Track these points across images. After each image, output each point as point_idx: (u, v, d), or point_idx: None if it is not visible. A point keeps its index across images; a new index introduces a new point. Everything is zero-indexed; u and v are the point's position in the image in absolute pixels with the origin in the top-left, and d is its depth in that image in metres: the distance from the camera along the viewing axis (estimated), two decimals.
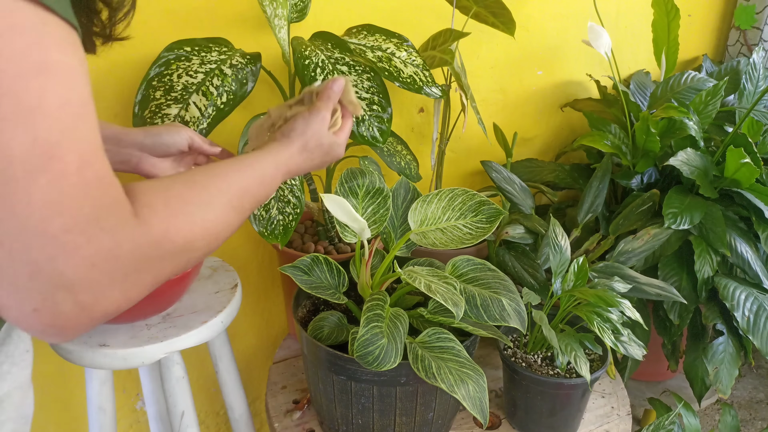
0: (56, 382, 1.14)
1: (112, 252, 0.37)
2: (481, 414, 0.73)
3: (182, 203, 0.44)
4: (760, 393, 1.79)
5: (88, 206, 0.36)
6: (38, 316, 0.35)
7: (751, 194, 1.11)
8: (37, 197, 0.34)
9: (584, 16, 1.35)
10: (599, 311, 0.86)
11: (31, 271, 0.34)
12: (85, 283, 0.36)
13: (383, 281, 0.85)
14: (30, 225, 0.34)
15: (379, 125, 0.86)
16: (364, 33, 0.97)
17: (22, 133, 0.33)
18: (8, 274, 0.34)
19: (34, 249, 0.34)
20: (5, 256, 0.34)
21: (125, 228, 0.38)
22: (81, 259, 0.35)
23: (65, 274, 0.35)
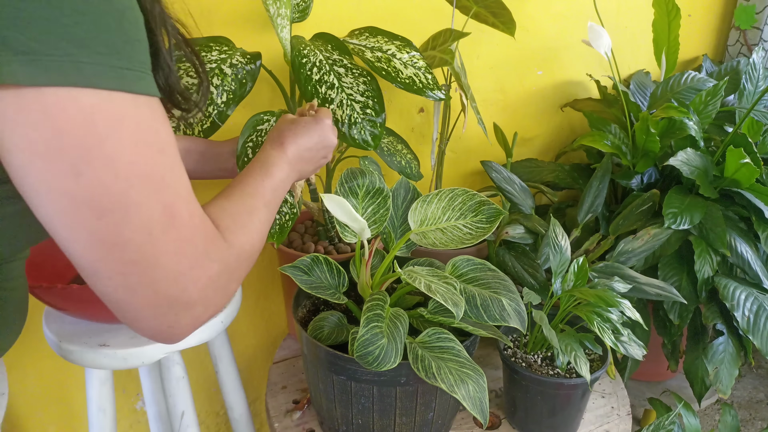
0: (56, 382, 1.14)
1: (217, 274, 0.49)
2: (481, 414, 0.73)
3: (240, 219, 0.56)
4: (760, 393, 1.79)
5: (200, 244, 0.47)
6: (170, 330, 0.48)
7: (751, 194, 1.11)
8: (170, 248, 0.45)
9: (584, 16, 1.35)
10: (599, 311, 0.86)
11: (170, 301, 0.46)
12: (202, 301, 0.48)
13: (383, 281, 0.85)
14: (169, 268, 0.45)
15: (372, 129, 0.86)
16: (366, 34, 0.97)
17: (155, 203, 0.44)
18: (152, 305, 0.46)
19: (172, 285, 0.46)
20: (151, 293, 0.45)
21: (222, 253, 0.50)
22: (201, 286, 0.48)
23: (192, 298, 0.47)
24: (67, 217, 0.41)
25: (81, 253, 0.43)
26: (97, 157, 0.40)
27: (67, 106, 0.39)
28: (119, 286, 0.44)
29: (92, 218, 0.41)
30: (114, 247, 0.43)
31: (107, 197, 0.41)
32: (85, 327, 0.86)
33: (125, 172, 0.42)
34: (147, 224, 0.43)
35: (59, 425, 1.19)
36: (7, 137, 0.39)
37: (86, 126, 0.40)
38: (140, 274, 0.44)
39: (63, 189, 0.40)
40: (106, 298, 0.46)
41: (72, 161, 0.40)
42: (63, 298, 0.79)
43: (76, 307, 0.82)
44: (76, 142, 0.40)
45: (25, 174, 0.40)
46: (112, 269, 0.44)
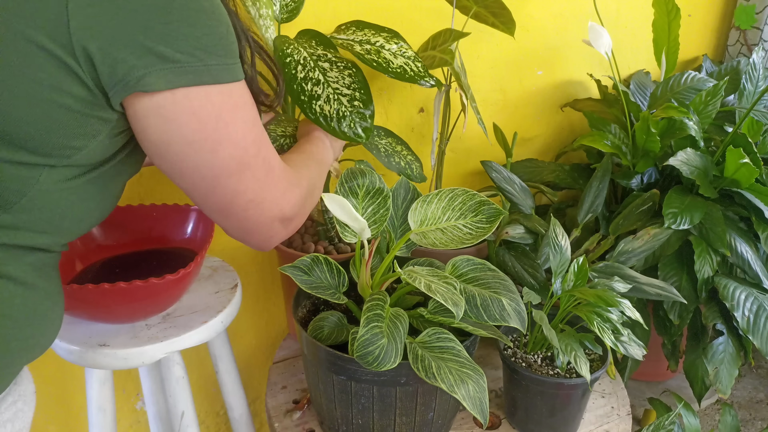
0: (56, 382, 1.14)
1: (300, 196, 0.68)
2: (481, 414, 0.73)
3: (304, 165, 0.74)
4: (760, 393, 1.79)
5: (285, 179, 0.65)
6: (271, 239, 0.67)
7: (751, 194, 1.11)
8: (271, 184, 0.63)
9: (584, 16, 1.35)
10: (599, 311, 0.86)
11: (273, 217, 0.64)
12: (295, 216, 0.67)
13: (383, 281, 0.85)
14: (272, 197, 0.63)
15: (362, 122, 0.85)
16: (353, 29, 0.96)
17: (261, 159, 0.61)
18: (259, 222, 0.64)
19: (275, 207, 0.64)
20: (262, 216, 0.64)
21: (300, 182, 0.68)
22: (293, 203, 0.66)
23: (287, 214, 0.66)
24: (209, 181, 0.59)
25: (217, 202, 0.61)
26: (226, 137, 0.56)
27: (206, 105, 0.54)
28: (241, 219, 0.63)
29: (224, 179, 0.59)
30: (237, 195, 0.60)
31: (232, 162, 0.58)
32: (85, 327, 0.86)
33: (243, 142, 0.58)
34: (257, 174, 0.61)
35: (59, 425, 1.19)
36: (165, 132, 0.54)
37: (218, 117, 0.55)
38: (255, 208, 0.62)
39: (206, 163, 0.57)
40: (230, 228, 0.65)
41: (211, 144, 0.56)
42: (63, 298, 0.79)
43: (76, 307, 0.82)
44: (212, 129, 0.55)
45: (180, 159, 0.56)
46: (237, 208, 0.62)
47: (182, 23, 0.50)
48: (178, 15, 0.50)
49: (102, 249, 0.96)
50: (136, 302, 0.82)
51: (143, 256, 0.97)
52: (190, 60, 0.51)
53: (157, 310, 0.88)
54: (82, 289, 0.76)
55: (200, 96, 0.53)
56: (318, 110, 0.83)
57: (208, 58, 0.52)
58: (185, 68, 0.51)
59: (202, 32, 0.51)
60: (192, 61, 0.51)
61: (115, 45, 0.49)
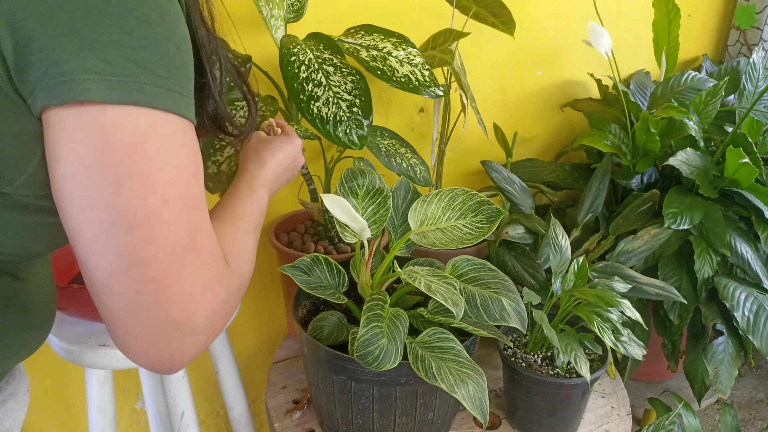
0: (56, 382, 1.14)
1: (224, 300, 0.49)
2: (481, 414, 0.73)
3: (237, 244, 0.57)
4: (760, 393, 1.79)
5: (213, 270, 0.48)
6: (172, 358, 0.47)
7: (751, 194, 1.11)
8: (188, 270, 0.45)
9: (584, 16, 1.35)
10: (599, 311, 0.86)
11: (176, 326, 0.46)
12: (207, 329, 0.48)
13: (383, 281, 0.85)
14: (183, 291, 0.45)
15: (358, 129, 0.84)
16: (362, 33, 0.96)
17: (184, 224, 0.45)
18: (160, 328, 0.45)
19: (181, 309, 0.45)
20: (161, 315, 0.45)
21: (228, 280, 0.51)
22: (210, 311, 0.48)
23: (198, 324, 0.47)
24: (98, 227, 0.42)
25: (101, 265, 0.43)
26: (139, 174, 0.42)
27: (125, 125, 0.42)
28: (131, 304, 0.44)
29: (122, 231, 0.42)
30: (137, 263, 0.43)
31: (141, 212, 0.43)
32: (85, 327, 0.86)
33: (162, 190, 0.43)
34: (172, 244, 0.44)
35: (59, 425, 1.19)
36: (59, 148, 0.42)
37: (137, 144, 0.42)
38: (155, 294, 0.44)
39: (100, 200, 0.42)
40: (111, 318, 0.46)
41: (116, 175, 0.42)
42: (63, 298, 0.79)
43: (76, 307, 0.82)
44: (124, 158, 0.42)
45: (66, 183, 0.42)
46: (129, 286, 0.44)
47: (115, 29, 0.41)
48: (113, 19, 0.41)
49: None
50: None
51: None
52: (117, 72, 0.41)
53: None
54: (82, 289, 0.76)
55: (120, 114, 0.41)
56: (315, 111, 0.82)
57: (142, 75, 0.42)
58: (110, 81, 0.41)
59: (139, 44, 0.42)
60: (120, 74, 0.41)
61: (29, 46, 0.40)
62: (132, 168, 0.42)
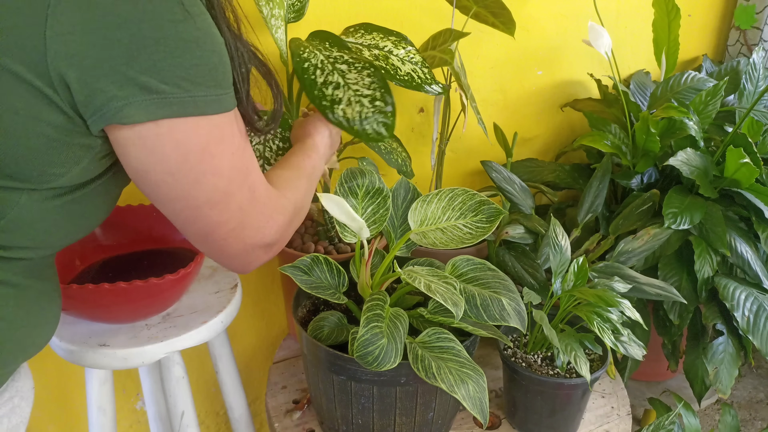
0: (56, 382, 1.14)
1: (284, 222, 0.65)
2: (481, 414, 0.73)
3: (292, 182, 0.71)
4: (760, 393, 1.79)
5: (270, 205, 0.63)
6: (250, 264, 0.64)
7: (751, 194, 1.11)
8: (254, 212, 0.61)
9: (584, 16, 1.35)
10: (599, 311, 0.86)
11: (253, 247, 0.62)
12: (276, 241, 0.65)
13: (383, 281, 0.85)
14: (254, 226, 0.61)
15: (384, 119, 0.83)
16: (361, 32, 0.96)
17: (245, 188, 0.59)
18: (245, 249, 0.62)
19: (257, 235, 0.62)
20: (243, 244, 0.61)
21: (284, 207, 0.66)
22: (275, 230, 0.64)
23: (268, 241, 0.63)
24: (188, 212, 0.57)
25: (197, 231, 0.59)
26: (210, 169, 0.55)
27: (191, 136, 0.53)
28: (223, 246, 0.61)
29: (207, 209, 0.57)
30: (219, 225, 0.59)
31: (216, 193, 0.57)
32: (85, 327, 0.86)
33: (227, 172, 0.57)
34: (239, 203, 0.59)
35: (59, 425, 1.19)
36: (144, 161, 0.53)
37: (203, 149, 0.54)
38: (236, 237, 0.60)
39: (188, 194, 0.55)
40: (210, 254, 0.63)
41: (194, 175, 0.54)
42: (63, 297, 0.79)
43: (76, 307, 0.82)
44: (196, 161, 0.54)
45: (160, 188, 0.55)
46: (218, 236, 0.59)
47: (170, 54, 0.49)
48: (166, 46, 0.49)
49: (102, 249, 0.96)
50: (136, 302, 0.82)
51: (143, 256, 0.97)
52: (175, 91, 0.50)
53: (157, 310, 0.88)
54: (82, 289, 0.76)
55: (186, 128, 0.52)
56: (341, 114, 0.81)
57: (196, 90, 0.51)
58: (169, 99, 0.50)
59: (191, 63, 0.50)
60: (177, 92, 0.50)
61: (94, 74, 0.47)
62: (204, 167, 0.54)
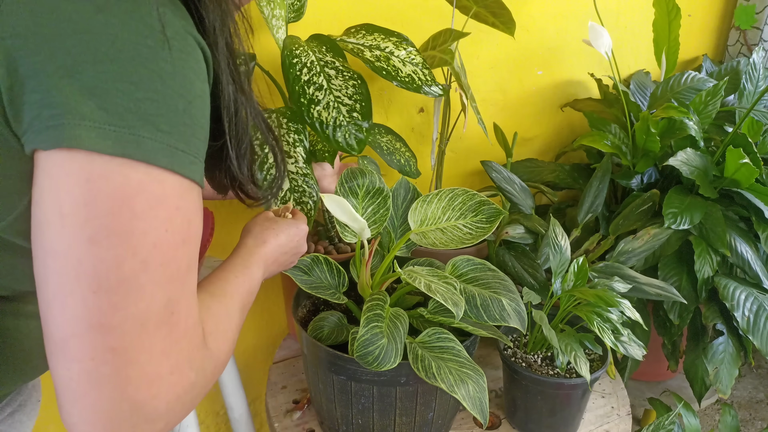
0: None
1: (192, 384, 0.44)
2: (481, 414, 0.73)
3: (221, 324, 0.52)
4: (760, 393, 1.79)
5: (185, 349, 0.43)
6: None
7: (751, 194, 1.11)
8: (157, 346, 0.40)
9: (584, 16, 1.35)
10: (599, 311, 0.86)
11: (132, 407, 0.40)
12: (167, 415, 0.42)
13: (383, 281, 0.85)
14: (147, 368, 0.40)
15: (357, 133, 0.85)
16: (362, 32, 0.96)
17: (161, 294, 0.40)
18: (113, 406, 0.39)
19: (141, 389, 0.40)
20: (118, 392, 0.39)
21: (202, 361, 0.45)
22: (173, 395, 0.42)
23: (158, 409, 0.41)
24: (63, 279, 0.39)
25: (59, 322, 0.39)
26: (120, 232, 0.39)
27: (113, 177, 0.38)
28: (85, 372, 0.39)
29: (88, 290, 0.38)
30: (98, 328, 0.38)
31: (114, 274, 0.39)
32: None
33: (144, 254, 0.39)
34: (144, 314, 0.40)
35: (59, 425, 1.19)
36: (40, 191, 0.39)
37: (124, 200, 0.39)
38: (114, 366, 0.39)
39: (71, 253, 0.38)
40: (60, 384, 0.40)
41: (93, 229, 0.38)
42: None
43: None
44: (105, 213, 0.38)
45: (40, 228, 0.39)
46: (85, 351, 0.39)
47: (122, 77, 0.39)
48: (120, 67, 0.39)
49: None
50: None
51: None
52: (114, 122, 0.38)
53: None
54: None
55: (110, 165, 0.38)
56: (315, 115, 0.83)
57: (142, 128, 0.39)
58: (104, 130, 0.38)
59: (145, 95, 0.39)
60: (117, 123, 0.38)
61: (27, 85, 0.38)
62: (113, 225, 0.38)
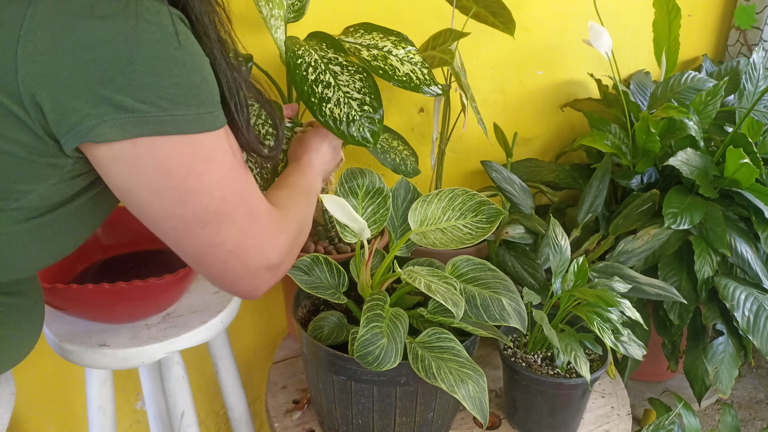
0: (56, 382, 1.14)
1: (287, 241, 0.63)
2: (481, 414, 0.73)
3: (290, 200, 0.70)
4: (760, 393, 1.79)
5: (272, 225, 0.61)
6: (257, 288, 0.61)
7: (751, 194, 1.11)
8: (254, 233, 0.58)
9: (584, 16, 1.35)
10: (599, 311, 0.86)
11: (257, 270, 0.59)
12: (283, 264, 0.63)
13: (383, 281, 0.85)
14: (256, 247, 0.59)
15: (371, 126, 0.85)
16: (361, 31, 0.96)
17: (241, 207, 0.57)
18: (247, 274, 0.59)
19: (258, 259, 0.59)
20: (245, 268, 0.58)
21: (286, 225, 0.64)
22: (279, 251, 0.61)
23: (273, 262, 0.61)
24: (177, 232, 0.55)
25: (190, 253, 0.57)
26: (196, 189, 0.53)
27: (173, 156, 0.51)
28: (221, 269, 0.58)
29: (197, 229, 0.55)
30: (215, 246, 0.56)
31: (207, 213, 0.54)
32: (85, 327, 0.86)
33: (218, 192, 0.54)
34: (237, 224, 0.56)
35: (59, 425, 1.19)
36: (126, 180, 0.51)
37: (188, 169, 0.52)
38: (236, 259, 0.57)
39: (174, 214, 0.53)
40: (209, 275, 0.59)
41: (179, 195, 0.52)
42: (63, 298, 0.79)
43: (76, 307, 0.82)
44: (181, 181, 0.52)
45: (144, 207, 0.53)
46: (215, 259, 0.57)
47: (146, 73, 0.48)
48: (143, 65, 0.47)
49: (102, 249, 0.96)
50: (136, 302, 0.82)
51: (143, 256, 0.97)
52: (152, 110, 0.48)
53: (157, 310, 0.88)
54: (82, 289, 0.76)
55: (166, 147, 0.50)
56: (328, 113, 0.83)
57: (175, 108, 0.50)
58: (145, 118, 0.48)
59: (169, 82, 0.49)
60: (154, 111, 0.49)
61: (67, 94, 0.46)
62: (190, 187, 0.52)
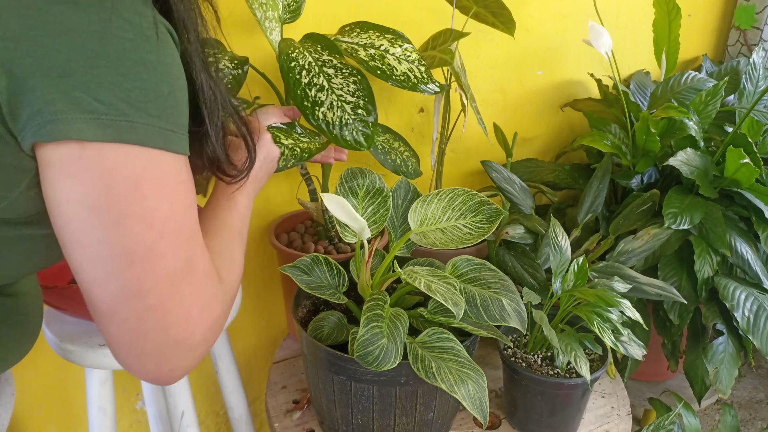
0: (56, 382, 1.14)
1: (219, 314, 0.53)
2: (481, 414, 0.73)
3: (226, 256, 0.60)
4: (760, 393, 1.79)
5: (209, 289, 0.51)
6: (172, 373, 0.50)
7: (751, 194, 1.11)
8: (185, 295, 0.49)
9: (584, 16, 1.35)
10: (599, 311, 0.86)
11: (176, 345, 0.49)
12: (205, 342, 0.51)
13: (383, 281, 0.85)
14: (182, 314, 0.48)
15: (364, 129, 0.84)
16: (357, 30, 0.96)
17: (182, 255, 0.48)
18: (160, 349, 0.48)
19: (181, 331, 0.49)
20: (162, 337, 0.48)
21: (223, 295, 0.54)
22: (207, 327, 0.51)
23: (196, 340, 0.50)
24: (100, 263, 0.45)
25: (104, 297, 0.46)
26: (137, 212, 0.45)
27: (122, 167, 0.44)
28: (133, 330, 0.47)
29: (123, 266, 0.45)
30: (138, 294, 0.46)
31: (140, 248, 0.45)
32: (85, 327, 0.86)
33: (158, 225, 0.46)
34: (170, 274, 0.47)
35: (59, 425, 1.19)
36: (59, 188, 0.44)
37: (134, 186, 0.45)
38: (156, 320, 0.47)
39: (102, 239, 0.44)
40: (113, 341, 0.49)
41: (115, 215, 0.44)
42: (63, 298, 0.79)
43: (76, 307, 0.82)
44: (122, 199, 0.44)
45: (69, 223, 0.45)
46: (131, 314, 0.47)
47: (110, 71, 0.43)
48: (108, 61, 0.43)
49: None
50: None
51: None
52: (110, 111, 0.43)
53: None
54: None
55: (116, 155, 0.44)
56: (321, 117, 0.82)
57: (135, 115, 0.44)
58: (101, 120, 0.42)
59: (133, 85, 0.44)
60: (112, 113, 0.43)
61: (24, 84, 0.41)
62: (130, 208, 0.45)
